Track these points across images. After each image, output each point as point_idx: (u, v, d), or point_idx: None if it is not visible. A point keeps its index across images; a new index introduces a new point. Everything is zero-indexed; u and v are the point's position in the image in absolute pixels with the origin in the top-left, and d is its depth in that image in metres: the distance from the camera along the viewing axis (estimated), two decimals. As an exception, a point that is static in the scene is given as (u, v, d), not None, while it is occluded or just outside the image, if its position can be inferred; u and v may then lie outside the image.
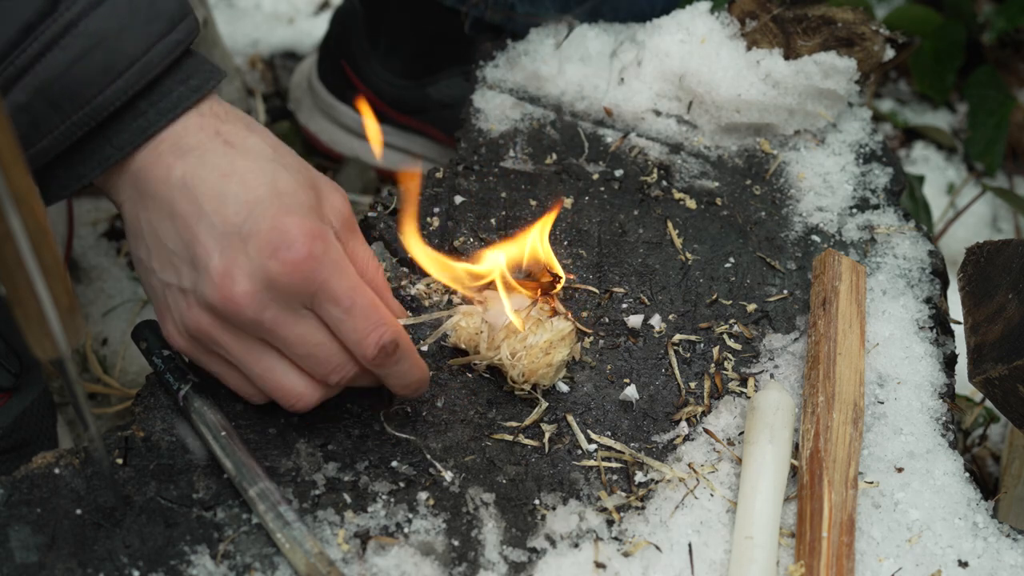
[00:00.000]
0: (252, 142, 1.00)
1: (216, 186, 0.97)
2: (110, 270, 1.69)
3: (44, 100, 0.96)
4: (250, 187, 0.96)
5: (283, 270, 0.94)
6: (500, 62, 1.41)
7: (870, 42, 1.34)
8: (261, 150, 1.00)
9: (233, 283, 0.95)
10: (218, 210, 0.96)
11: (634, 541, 1.01)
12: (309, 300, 0.97)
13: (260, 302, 0.95)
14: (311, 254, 0.95)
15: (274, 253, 0.94)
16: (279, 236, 0.94)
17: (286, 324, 0.97)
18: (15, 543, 0.95)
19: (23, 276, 0.77)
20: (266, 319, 0.96)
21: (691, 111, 1.36)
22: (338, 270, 0.96)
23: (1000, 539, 1.04)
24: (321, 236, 0.96)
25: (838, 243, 1.27)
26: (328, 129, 1.81)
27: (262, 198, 0.96)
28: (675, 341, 1.16)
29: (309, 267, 0.95)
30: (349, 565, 0.98)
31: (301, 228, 0.95)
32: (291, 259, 0.94)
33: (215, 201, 0.96)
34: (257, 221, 0.95)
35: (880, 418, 1.12)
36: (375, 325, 0.97)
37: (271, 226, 0.95)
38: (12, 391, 1.19)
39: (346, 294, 0.96)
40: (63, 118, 0.97)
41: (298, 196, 0.98)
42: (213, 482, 1.01)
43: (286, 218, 0.95)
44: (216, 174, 0.97)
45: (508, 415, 1.09)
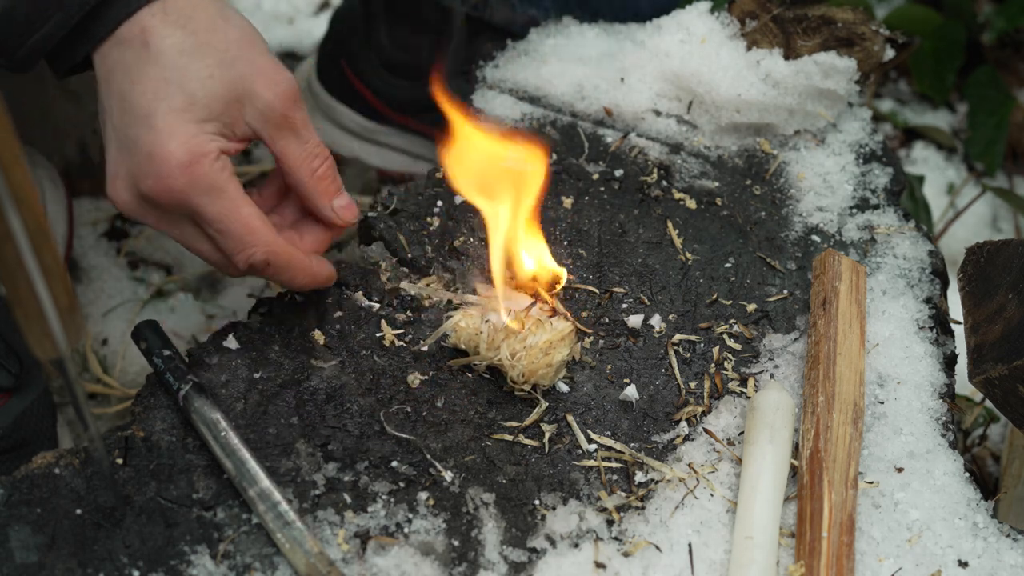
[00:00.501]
0: (170, 42, 1.03)
1: (124, 89, 1.02)
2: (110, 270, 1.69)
3: None
4: (147, 99, 1.01)
5: (152, 193, 1.02)
6: (500, 62, 1.41)
7: (870, 42, 1.34)
8: (175, 52, 1.02)
9: (116, 189, 1.04)
10: (120, 114, 1.03)
11: (634, 541, 1.01)
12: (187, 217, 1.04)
13: (140, 209, 1.05)
14: (176, 186, 1.01)
15: (145, 177, 1.01)
16: (150, 163, 1.01)
17: (170, 227, 1.06)
18: (15, 543, 0.95)
19: (23, 276, 0.77)
20: (149, 222, 1.05)
21: (691, 111, 1.36)
22: (210, 195, 1.02)
23: (1000, 539, 1.04)
24: (191, 167, 1.01)
25: (838, 243, 1.27)
26: (328, 130, 1.80)
27: (152, 114, 1.01)
28: (675, 341, 1.16)
29: (178, 194, 1.02)
30: (349, 565, 0.98)
31: (174, 158, 1.00)
32: (157, 186, 1.01)
33: (120, 104, 1.03)
34: (141, 138, 1.01)
35: (880, 418, 1.12)
36: (243, 247, 1.04)
37: (149, 151, 1.01)
38: (12, 391, 1.19)
39: (216, 218, 1.03)
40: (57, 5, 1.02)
41: (194, 111, 1.02)
42: (213, 482, 1.01)
43: (165, 145, 1.00)
44: (126, 78, 1.02)
45: (508, 415, 1.09)
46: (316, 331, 1.13)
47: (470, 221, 1.24)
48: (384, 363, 1.12)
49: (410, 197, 1.26)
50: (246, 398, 1.08)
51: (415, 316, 1.16)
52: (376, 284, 1.18)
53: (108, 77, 1.03)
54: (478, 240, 1.23)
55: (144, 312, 1.64)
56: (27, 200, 0.74)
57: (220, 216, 1.03)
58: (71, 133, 1.70)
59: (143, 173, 1.01)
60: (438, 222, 1.24)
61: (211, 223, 1.03)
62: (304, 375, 1.10)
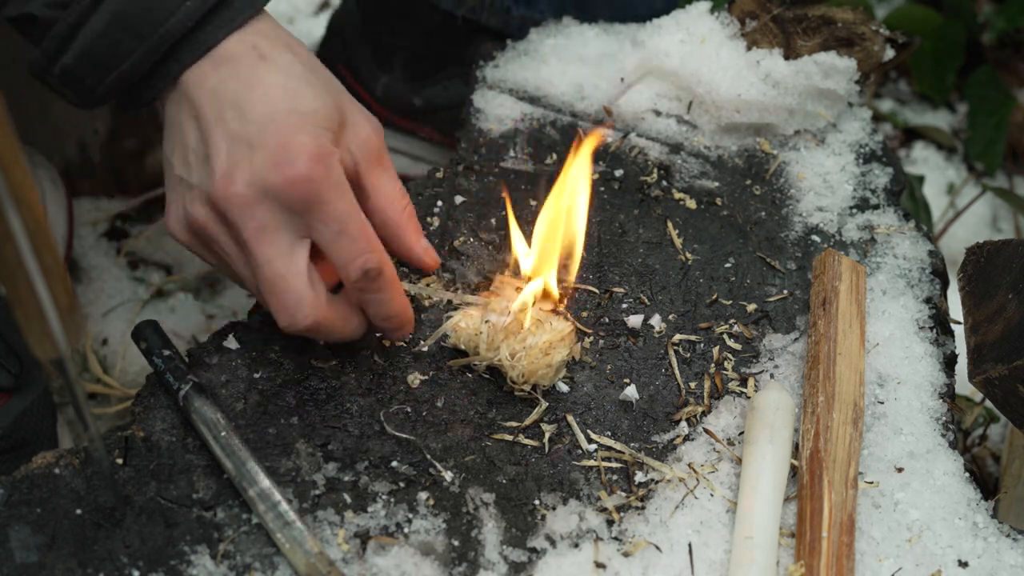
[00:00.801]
0: (286, 59, 1.04)
1: (240, 95, 1.02)
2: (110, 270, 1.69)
3: (120, 26, 1.02)
4: (270, 100, 1.01)
5: (281, 184, 0.99)
6: (500, 62, 1.41)
7: (870, 42, 1.34)
8: (292, 67, 1.04)
9: (232, 182, 1.00)
10: (236, 117, 1.01)
11: (634, 541, 1.01)
12: (303, 219, 1.01)
13: (251, 207, 1.00)
14: (310, 176, 0.99)
15: (275, 167, 0.99)
16: (283, 153, 0.99)
17: (264, 241, 1.00)
18: (15, 543, 0.95)
19: (23, 276, 0.77)
20: (249, 227, 1.00)
21: (691, 111, 1.36)
22: (335, 192, 1.00)
23: (1000, 539, 1.04)
24: (325, 159, 1.00)
25: (838, 243, 1.27)
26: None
27: (279, 112, 1.01)
28: (675, 341, 1.16)
29: (306, 187, 0.99)
30: (349, 565, 0.98)
31: (307, 148, 0.99)
32: (289, 176, 0.99)
33: (235, 109, 1.01)
34: (268, 134, 1.00)
35: (880, 418, 1.12)
36: (362, 251, 1.01)
37: (279, 142, 0.99)
38: (12, 391, 1.19)
39: (339, 217, 1.00)
40: (140, 41, 1.02)
41: (316, 116, 1.02)
42: (213, 482, 1.01)
43: (296, 136, 1.00)
44: (242, 84, 1.02)
45: (508, 415, 1.09)
46: (316, 331, 1.13)
47: (470, 221, 1.24)
48: (384, 363, 1.12)
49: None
50: (246, 398, 1.08)
51: (415, 316, 1.16)
52: (376, 284, 1.18)
53: (215, 91, 1.02)
54: (478, 240, 1.23)
55: (144, 312, 1.64)
56: (27, 200, 0.74)
57: (343, 214, 1.00)
58: (71, 133, 1.70)
59: (273, 164, 0.99)
60: (438, 222, 1.24)
61: (335, 221, 1.00)
62: (304, 375, 1.10)
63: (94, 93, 1.06)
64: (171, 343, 1.09)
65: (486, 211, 1.26)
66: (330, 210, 1.00)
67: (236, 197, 1.00)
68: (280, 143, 0.99)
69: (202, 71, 1.04)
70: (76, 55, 1.04)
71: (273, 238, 1.00)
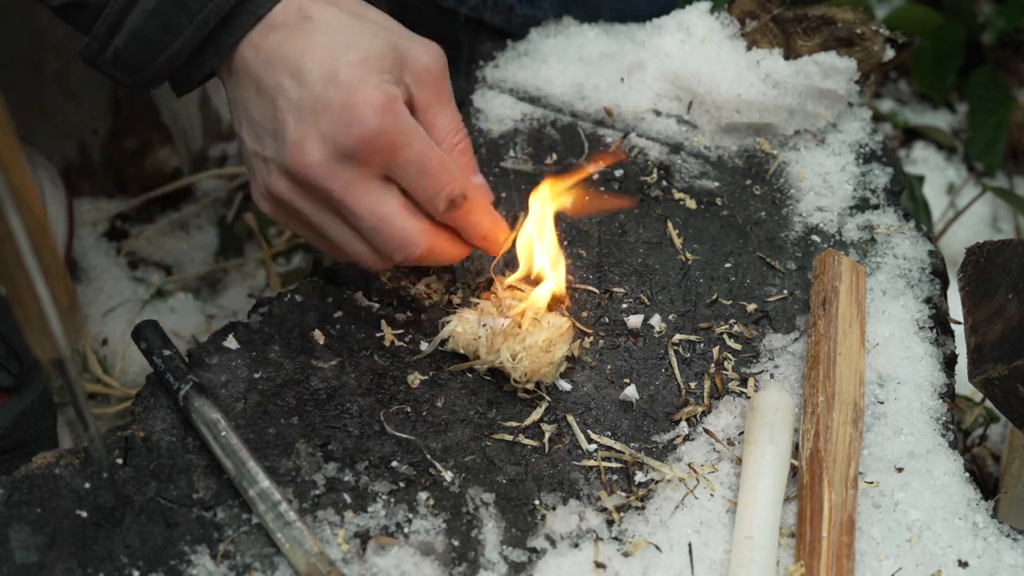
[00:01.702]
0: (330, 14, 1.05)
1: (294, 61, 1.02)
2: (110, 270, 1.69)
3: (170, 4, 1.04)
4: (324, 62, 1.02)
5: (354, 144, 1.01)
6: (500, 62, 1.41)
7: (870, 42, 1.34)
8: (338, 21, 1.05)
9: (305, 152, 1.02)
10: (296, 84, 1.02)
11: (634, 541, 1.01)
12: (382, 168, 1.03)
13: (331, 171, 1.02)
14: (380, 128, 1.01)
15: (345, 128, 1.01)
16: (349, 112, 1.00)
17: (355, 195, 1.03)
18: (15, 543, 0.95)
19: (23, 276, 0.77)
20: (336, 188, 1.03)
21: (691, 111, 1.36)
22: (407, 137, 1.02)
23: (1000, 539, 1.04)
24: (390, 108, 1.01)
25: (838, 243, 1.27)
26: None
27: (335, 71, 1.01)
28: (675, 341, 1.16)
29: (379, 140, 1.01)
30: (349, 565, 0.98)
31: (370, 103, 1.01)
32: (361, 134, 1.01)
33: (293, 76, 1.02)
34: (330, 95, 1.01)
35: (880, 418, 1.12)
36: (444, 183, 1.04)
37: (343, 102, 1.01)
38: (12, 391, 1.19)
39: (415, 159, 1.03)
40: (190, 17, 1.04)
41: (371, 64, 1.03)
42: (213, 482, 1.02)
43: (358, 92, 1.01)
44: (295, 50, 1.03)
45: (508, 415, 1.09)
46: (316, 331, 1.13)
47: (470, 221, 1.24)
48: (384, 363, 1.12)
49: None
50: (246, 398, 1.08)
51: (415, 316, 1.16)
52: (376, 284, 1.18)
53: (269, 60, 1.04)
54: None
55: (144, 312, 1.64)
56: (27, 200, 0.74)
57: (421, 155, 1.03)
58: (71, 133, 1.70)
59: (342, 125, 1.01)
60: (438, 222, 1.24)
61: (413, 162, 1.03)
62: (304, 375, 1.10)
63: (147, 73, 1.08)
64: (171, 343, 1.09)
65: (486, 211, 1.26)
66: (406, 154, 1.03)
67: (315, 166, 1.02)
68: (344, 102, 1.01)
69: (252, 43, 1.05)
70: (127, 37, 1.05)
71: (363, 189, 1.03)
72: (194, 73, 1.09)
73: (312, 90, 1.01)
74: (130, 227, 1.76)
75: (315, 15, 1.04)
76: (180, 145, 1.78)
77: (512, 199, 1.27)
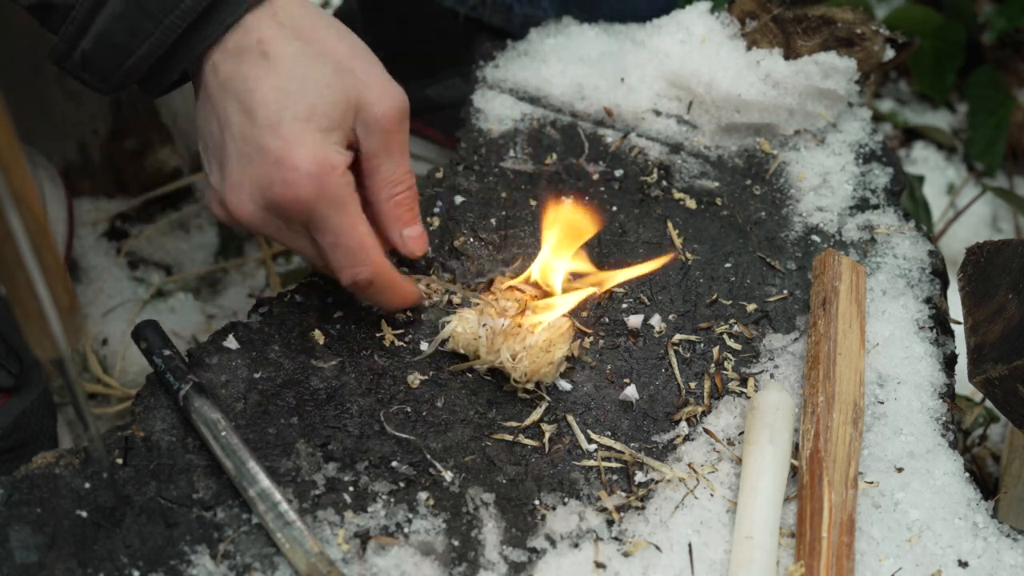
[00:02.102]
0: (291, 51, 1.04)
1: (245, 98, 1.03)
2: (110, 270, 1.69)
3: (136, 8, 1.03)
4: (271, 108, 1.02)
5: (280, 201, 1.02)
6: (500, 62, 1.41)
7: (870, 42, 1.34)
8: (293, 63, 1.04)
9: (239, 199, 1.04)
10: (242, 122, 1.03)
11: (634, 541, 1.01)
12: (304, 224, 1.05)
13: (260, 219, 1.05)
14: (305, 195, 1.02)
15: (271, 185, 1.02)
16: (280, 170, 1.01)
17: (286, 237, 1.07)
18: (15, 543, 0.95)
19: (23, 276, 0.77)
20: (267, 232, 1.06)
21: (691, 111, 1.36)
22: (333, 207, 1.03)
23: (1000, 539, 1.04)
24: (321, 175, 1.02)
25: (838, 243, 1.27)
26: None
27: (278, 122, 1.02)
28: (675, 341, 1.16)
29: (300, 205, 1.02)
30: (349, 565, 0.98)
31: (301, 166, 1.01)
32: (284, 194, 1.02)
33: (242, 112, 1.03)
34: (268, 145, 1.01)
35: (880, 418, 1.12)
36: (352, 264, 1.06)
37: (276, 157, 1.01)
38: (12, 391, 1.19)
39: (334, 231, 1.04)
40: (156, 22, 1.03)
41: (316, 120, 1.03)
42: (213, 482, 1.01)
43: (294, 152, 1.01)
44: (245, 87, 1.03)
45: (508, 415, 1.09)
46: (316, 331, 1.13)
47: (470, 221, 1.24)
48: (384, 363, 1.12)
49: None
50: (246, 398, 1.08)
51: (415, 316, 1.16)
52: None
53: (224, 87, 1.04)
54: (478, 240, 1.23)
55: (144, 312, 1.64)
56: (27, 200, 0.74)
57: (338, 230, 1.04)
58: (71, 133, 1.70)
59: (271, 180, 1.02)
60: (438, 222, 1.24)
61: (328, 235, 1.04)
62: (304, 375, 1.10)
63: (114, 77, 1.07)
64: (171, 343, 1.09)
65: (486, 211, 1.26)
66: (326, 225, 1.04)
67: (245, 213, 1.04)
68: (278, 158, 1.01)
69: (213, 62, 1.04)
70: (94, 39, 1.04)
71: (293, 237, 1.07)
72: (162, 78, 1.08)
73: (253, 135, 1.02)
74: (130, 227, 1.76)
75: (272, 51, 1.03)
76: (180, 145, 1.78)
77: (512, 199, 1.27)
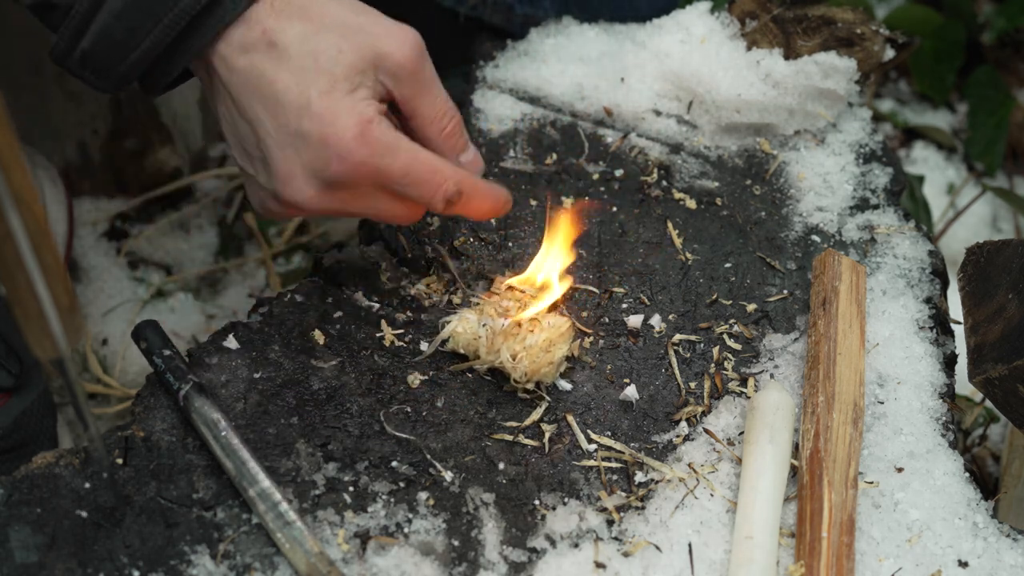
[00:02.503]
0: (294, 33, 1.04)
1: (267, 93, 1.03)
2: (110, 270, 1.69)
3: (136, 7, 1.03)
4: (295, 92, 1.02)
5: (339, 175, 1.03)
6: (500, 62, 1.41)
7: (870, 42, 1.34)
8: (302, 43, 1.04)
9: (295, 188, 1.04)
10: (271, 117, 1.03)
11: (634, 541, 1.01)
12: (374, 185, 1.05)
13: (327, 199, 1.05)
14: (360, 158, 1.02)
15: (326, 163, 1.02)
16: (327, 147, 1.02)
17: (355, 203, 1.07)
18: (15, 543, 0.95)
19: (23, 276, 0.77)
20: (338, 207, 1.06)
21: (691, 111, 1.36)
22: (389, 156, 1.03)
23: (1000, 539, 1.04)
24: (366, 134, 1.02)
25: (838, 243, 1.27)
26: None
27: (307, 103, 1.02)
28: (675, 341, 1.16)
29: (361, 169, 1.03)
30: (349, 565, 0.98)
31: (345, 134, 1.02)
32: (342, 168, 1.02)
33: (268, 108, 1.03)
34: (306, 129, 1.02)
35: (880, 418, 1.12)
36: (436, 186, 1.05)
37: (319, 137, 1.02)
38: (12, 391, 1.19)
39: (401, 173, 1.04)
40: (155, 21, 1.03)
41: (341, 87, 1.03)
42: (213, 482, 1.01)
43: (333, 125, 1.02)
44: (265, 80, 1.03)
45: (508, 415, 1.09)
46: (316, 331, 1.13)
47: (470, 221, 1.24)
48: (384, 363, 1.12)
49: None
50: (246, 398, 1.08)
51: (415, 316, 1.16)
52: (376, 284, 1.18)
53: (243, 86, 1.04)
54: (478, 240, 1.23)
55: (144, 312, 1.64)
56: (27, 200, 0.74)
57: (406, 169, 1.04)
58: (71, 133, 1.70)
59: (325, 161, 1.02)
60: (438, 222, 1.24)
61: (400, 179, 1.04)
62: (304, 375, 1.10)
63: (114, 75, 1.07)
64: (171, 343, 1.09)
65: (486, 211, 1.26)
66: (392, 172, 1.03)
67: (307, 199, 1.05)
68: (320, 137, 1.01)
69: (223, 58, 1.05)
70: (94, 38, 1.04)
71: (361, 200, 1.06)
72: (163, 76, 1.08)
73: (288, 124, 1.02)
74: (130, 227, 1.76)
75: (280, 40, 1.04)
76: (180, 145, 1.78)
77: (512, 199, 1.27)
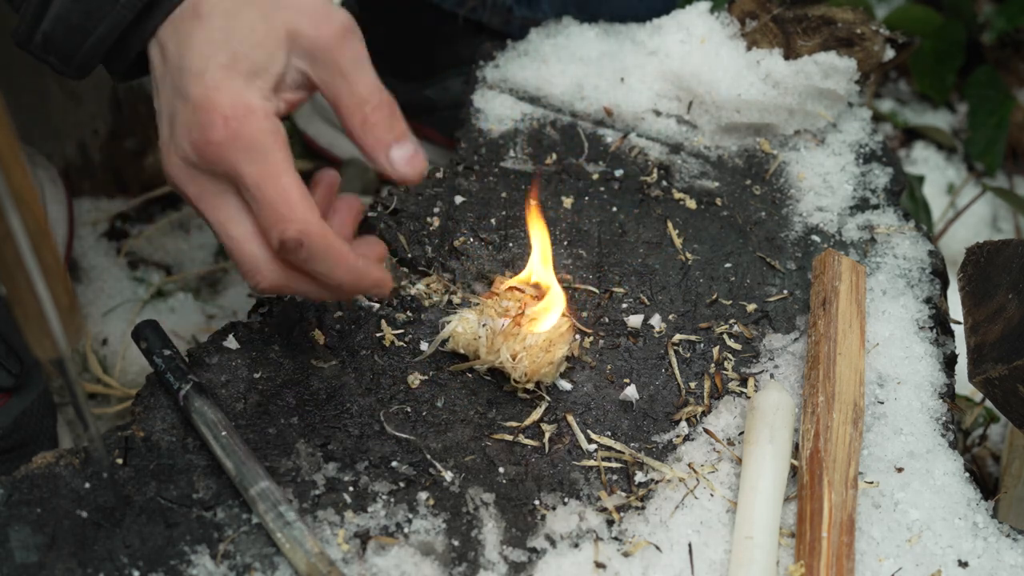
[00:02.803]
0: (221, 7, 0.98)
1: (175, 60, 0.98)
2: (110, 270, 1.69)
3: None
4: (198, 59, 0.96)
5: (193, 150, 0.95)
6: (500, 62, 1.41)
7: (870, 42, 1.34)
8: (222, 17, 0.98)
9: (167, 156, 0.98)
10: (174, 82, 0.98)
11: (634, 541, 1.01)
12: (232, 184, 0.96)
13: (182, 174, 0.97)
14: (218, 138, 0.94)
15: (191, 130, 0.95)
16: (197, 115, 0.95)
17: (208, 205, 0.98)
18: (15, 543, 0.95)
19: (23, 276, 0.77)
20: (190, 194, 0.98)
21: (691, 111, 1.36)
22: (250, 154, 0.94)
23: (1000, 539, 1.04)
24: (238, 115, 0.94)
25: (838, 243, 1.27)
26: (327, 132, 1.81)
27: (203, 70, 0.96)
28: (675, 341, 1.16)
29: (216, 147, 0.94)
30: (349, 565, 0.98)
31: (221, 106, 0.94)
32: (201, 139, 0.95)
33: (173, 76, 0.98)
34: (191, 94, 0.96)
35: (880, 418, 1.12)
36: (277, 219, 0.94)
37: (196, 103, 0.95)
38: (12, 391, 1.19)
39: (252, 182, 0.94)
40: (112, 3, 1.00)
41: (240, 66, 0.97)
42: (213, 482, 1.01)
43: (212, 97, 0.95)
44: (179, 48, 0.98)
45: (508, 415, 1.09)
46: (316, 331, 1.13)
47: (470, 221, 1.24)
48: (384, 363, 1.12)
49: (410, 197, 1.26)
50: (246, 398, 1.08)
51: (415, 316, 1.16)
52: (376, 284, 1.18)
53: (162, 54, 1.00)
54: (478, 240, 1.23)
55: (144, 312, 1.64)
56: (27, 200, 0.74)
57: (257, 180, 0.94)
58: (71, 133, 1.70)
59: (190, 126, 0.95)
60: (438, 222, 1.24)
61: (247, 187, 0.94)
62: (304, 375, 1.10)
63: (76, 59, 1.04)
64: (171, 343, 1.09)
65: (486, 211, 1.26)
66: (242, 175, 0.94)
67: (172, 168, 0.98)
68: (197, 103, 0.95)
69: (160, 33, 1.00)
70: (53, 21, 1.01)
71: (216, 203, 0.97)
72: (121, 61, 1.04)
73: (182, 87, 0.97)
74: (130, 227, 1.76)
75: (204, 10, 0.99)
76: (180, 145, 1.78)
77: (512, 199, 1.27)
